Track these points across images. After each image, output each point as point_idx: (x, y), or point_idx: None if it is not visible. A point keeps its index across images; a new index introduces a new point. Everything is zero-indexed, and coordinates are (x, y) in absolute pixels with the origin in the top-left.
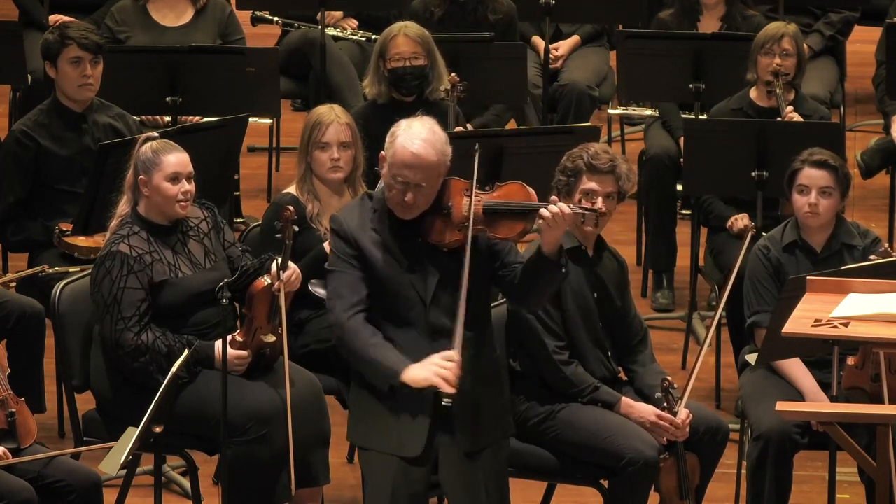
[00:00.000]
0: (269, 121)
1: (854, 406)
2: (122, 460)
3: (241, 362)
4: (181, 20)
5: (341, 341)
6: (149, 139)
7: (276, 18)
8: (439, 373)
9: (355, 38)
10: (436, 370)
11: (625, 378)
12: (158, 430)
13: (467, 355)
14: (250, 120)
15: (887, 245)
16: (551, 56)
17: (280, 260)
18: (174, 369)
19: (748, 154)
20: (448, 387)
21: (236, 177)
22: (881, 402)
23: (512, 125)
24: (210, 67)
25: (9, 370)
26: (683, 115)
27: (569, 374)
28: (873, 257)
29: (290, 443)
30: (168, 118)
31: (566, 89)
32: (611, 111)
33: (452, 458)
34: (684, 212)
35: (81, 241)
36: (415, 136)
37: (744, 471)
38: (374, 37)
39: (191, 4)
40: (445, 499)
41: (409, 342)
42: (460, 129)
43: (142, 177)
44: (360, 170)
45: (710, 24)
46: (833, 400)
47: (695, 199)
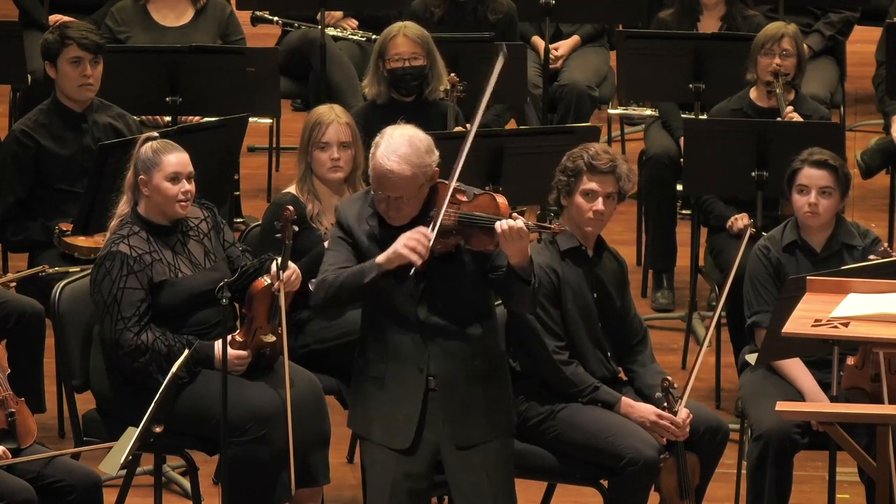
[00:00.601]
0: (269, 121)
1: (854, 406)
2: (122, 460)
3: (241, 362)
4: (181, 20)
5: (319, 295)
6: (149, 139)
7: (276, 18)
8: (406, 244)
9: (355, 38)
10: (403, 241)
11: (625, 378)
12: (158, 430)
13: (464, 352)
14: (250, 120)
15: (886, 245)
16: (551, 56)
17: (280, 260)
18: (174, 369)
19: (748, 154)
20: (416, 257)
21: (236, 177)
22: (881, 402)
23: (512, 125)
24: (210, 67)
25: (9, 370)
26: (683, 115)
27: (569, 374)
28: (872, 257)
29: (290, 443)
30: (168, 118)
31: (566, 89)
32: (611, 111)
33: (452, 454)
34: (684, 212)
35: (81, 241)
36: (392, 150)
37: (744, 471)
38: (374, 37)
39: (191, 4)
40: (446, 498)
41: (401, 340)
42: (460, 129)
43: (142, 177)
44: (360, 170)
45: (710, 24)
46: (833, 400)
47: (695, 199)
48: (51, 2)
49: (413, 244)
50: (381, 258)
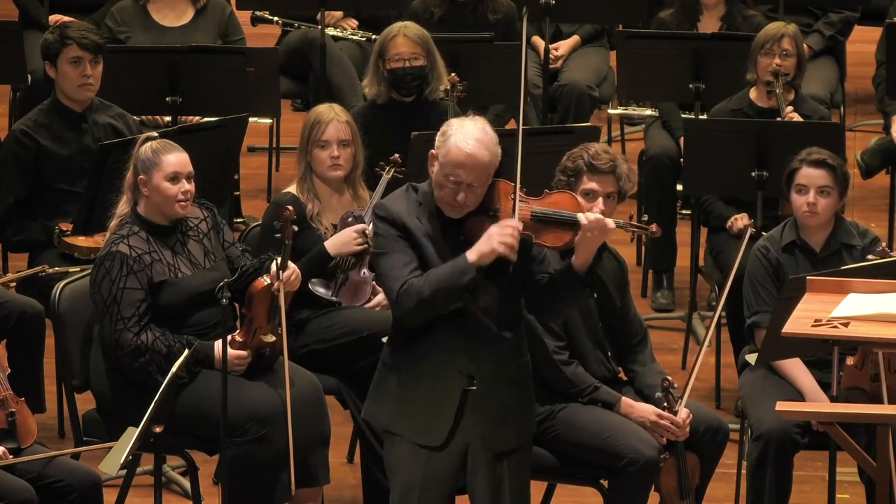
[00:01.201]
0: (269, 121)
1: (854, 406)
2: (122, 460)
3: (241, 362)
4: (181, 20)
5: (410, 302)
6: (149, 139)
7: (276, 18)
8: (503, 241)
9: (355, 38)
10: (498, 239)
11: (625, 378)
12: (158, 430)
13: (502, 356)
14: (250, 120)
15: (886, 245)
16: (551, 56)
17: (280, 260)
18: (174, 369)
19: (748, 154)
20: (512, 252)
21: (236, 177)
22: (881, 402)
23: (512, 125)
24: (210, 67)
25: (9, 370)
26: (683, 115)
27: (569, 374)
28: (871, 257)
29: (290, 443)
30: (168, 118)
31: (566, 89)
32: (611, 111)
33: (480, 457)
34: (684, 212)
35: (81, 241)
36: (468, 135)
37: (744, 471)
38: (374, 37)
39: (191, 4)
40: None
41: (444, 337)
42: None
43: (141, 177)
44: (359, 168)
45: (710, 24)
46: (833, 400)
47: (695, 199)
48: (51, 2)
49: (508, 239)
50: (472, 256)
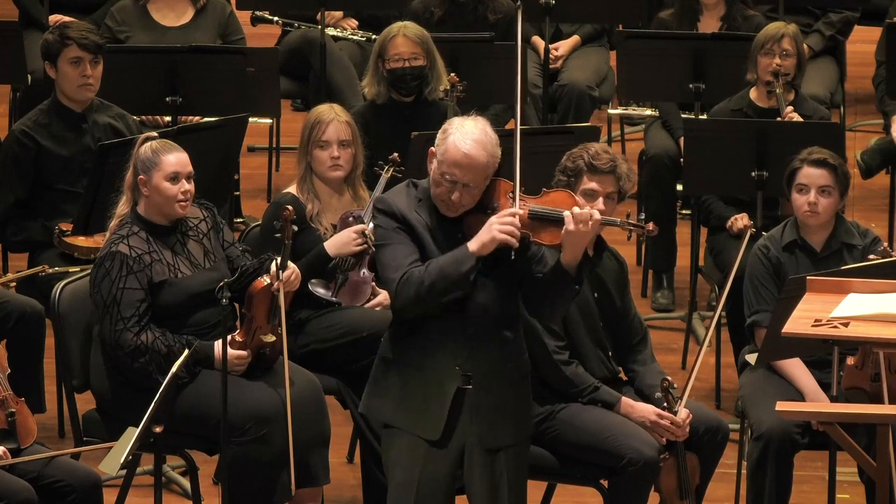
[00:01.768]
0: (269, 121)
1: (854, 406)
2: (122, 460)
3: (241, 362)
4: (181, 20)
5: (410, 292)
6: (148, 139)
7: (276, 18)
8: (503, 229)
9: (355, 38)
10: (497, 227)
11: (625, 378)
12: (158, 430)
13: (501, 354)
14: (250, 120)
15: (886, 245)
16: (551, 56)
17: (280, 260)
18: (174, 369)
19: (748, 154)
20: (514, 239)
21: (236, 177)
22: (881, 402)
23: (512, 125)
24: (210, 67)
25: (9, 370)
26: (683, 115)
27: (569, 374)
28: (872, 257)
29: (290, 443)
30: (168, 118)
31: (566, 89)
32: (611, 111)
33: (475, 453)
34: (684, 212)
35: (81, 241)
36: (467, 135)
37: (744, 471)
38: (374, 37)
39: (191, 4)
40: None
41: (442, 333)
42: None
43: (141, 177)
44: (359, 168)
45: (710, 24)
46: (833, 400)
47: (695, 199)
48: (51, 2)
49: (507, 228)
50: (473, 246)
